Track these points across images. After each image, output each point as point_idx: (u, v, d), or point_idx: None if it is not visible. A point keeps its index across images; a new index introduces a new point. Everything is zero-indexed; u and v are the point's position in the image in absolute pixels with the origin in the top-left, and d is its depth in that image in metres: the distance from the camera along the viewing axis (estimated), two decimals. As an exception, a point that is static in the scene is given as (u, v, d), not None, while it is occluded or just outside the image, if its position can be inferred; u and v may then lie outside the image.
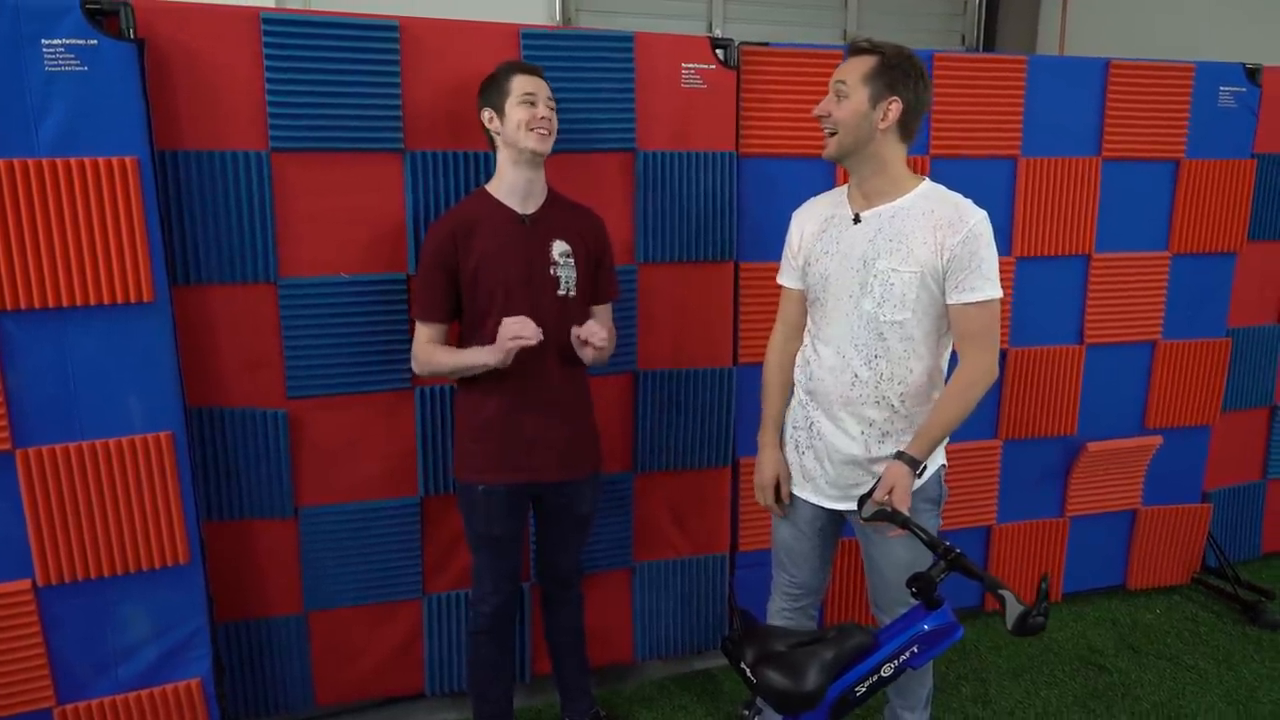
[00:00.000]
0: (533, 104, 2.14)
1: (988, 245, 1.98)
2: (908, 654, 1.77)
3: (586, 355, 2.20)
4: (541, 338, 2.08)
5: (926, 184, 2.06)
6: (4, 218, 1.97)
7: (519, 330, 2.05)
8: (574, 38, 2.50)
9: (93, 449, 2.10)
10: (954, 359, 2.09)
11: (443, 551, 2.60)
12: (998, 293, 1.99)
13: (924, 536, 1.82)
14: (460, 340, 2.25)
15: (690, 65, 2.57)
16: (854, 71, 1.99)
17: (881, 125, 1.99)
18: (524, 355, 2.14)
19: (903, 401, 2.06)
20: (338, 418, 2.42)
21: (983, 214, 2.00)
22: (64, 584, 2.14)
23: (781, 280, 2.27)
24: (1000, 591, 1.63)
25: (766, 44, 2.66)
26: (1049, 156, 2.93)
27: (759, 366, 2.31)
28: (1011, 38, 5.57)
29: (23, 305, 2.01)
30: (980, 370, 2.00)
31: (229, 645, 2.46)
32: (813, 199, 2.24)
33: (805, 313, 2.22)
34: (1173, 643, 3.11)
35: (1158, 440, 3.23)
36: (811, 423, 2.16)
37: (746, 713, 2.66)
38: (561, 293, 2.22)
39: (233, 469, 2.36)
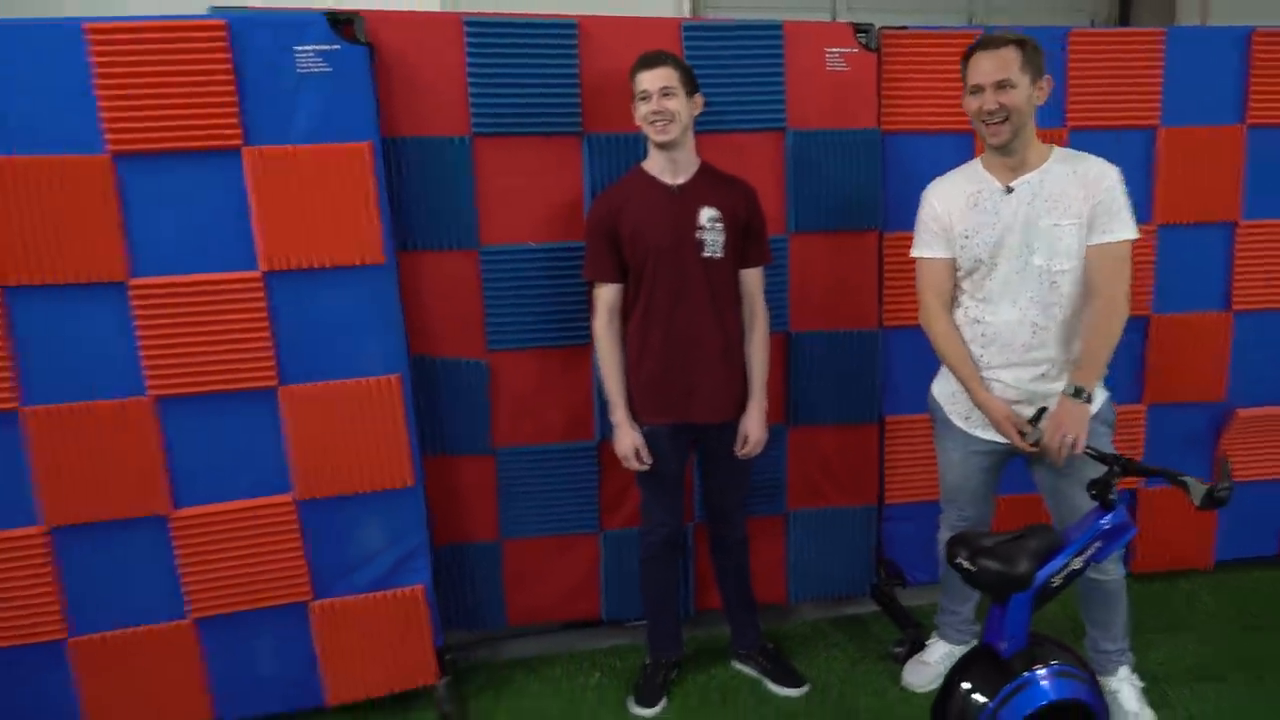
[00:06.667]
0: (646, 99, 2.36)
1: (1124, 192, 2.26)
2: (1092, 549, 2.06)
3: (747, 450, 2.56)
4: (645, 466, 2.50)
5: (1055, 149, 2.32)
6: (266, 195, 2.33)
7: (623, 456, 2.51)
8: (727, 28, 2.75)
9: (342, 387, 2.46)
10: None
11: (618, 491, 2.89)
12: (1133, 234, 2.26)
13: (1093, 453, 2.13)
14: (626, 299, 2.50)
15: (834, 50, 2.78)
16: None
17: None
18: (676, 310, 2.42)
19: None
20: (529, 368, 2.75)
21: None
22: (316, 499, 2.50)
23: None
24: (1182, 478, 1.95)
25: (905, 28, 2.86)
26: (1190, 125, 2.98)
27: (904, 330, 2.48)
28: (1146, 14, 5.43)
29: (278, 267, 2.37)
30: (1123, 301, 2.26)
31: (437, 566, 2.80)
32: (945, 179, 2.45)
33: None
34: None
35: (1313, 406, 3.20)
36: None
37: (899, 650, 2.82)
38: (707, 254, 2.43)
39: (442, 410, 2.71)
